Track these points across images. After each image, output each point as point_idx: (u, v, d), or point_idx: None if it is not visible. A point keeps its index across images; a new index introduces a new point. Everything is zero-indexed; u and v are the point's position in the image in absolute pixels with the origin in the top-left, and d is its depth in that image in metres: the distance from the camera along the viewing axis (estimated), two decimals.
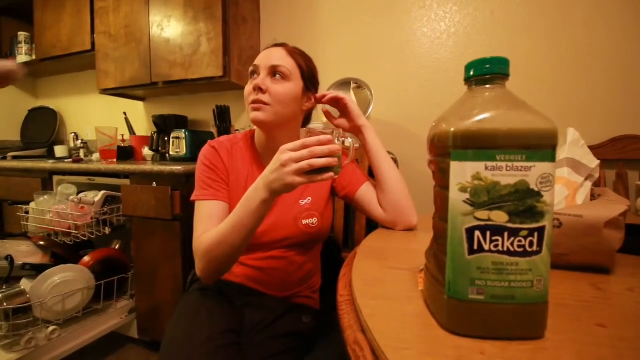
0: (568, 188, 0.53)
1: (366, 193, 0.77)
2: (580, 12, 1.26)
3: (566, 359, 0.27)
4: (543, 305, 0.30)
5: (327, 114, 0.78)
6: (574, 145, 0.57)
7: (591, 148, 1.20)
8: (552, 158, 0.28)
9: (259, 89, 0.70)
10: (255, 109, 0.70)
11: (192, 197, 0.73)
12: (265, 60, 0.72)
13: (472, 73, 0.33)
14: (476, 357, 0.28)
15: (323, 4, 1.66)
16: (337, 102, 0.77)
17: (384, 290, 0.42)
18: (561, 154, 0.57)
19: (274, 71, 0.71)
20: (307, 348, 0.70)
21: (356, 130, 0.78)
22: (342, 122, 0.79)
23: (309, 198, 0.78)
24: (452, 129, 0.30)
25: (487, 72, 0.32)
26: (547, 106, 1.31)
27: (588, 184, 0.55)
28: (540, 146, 0.28)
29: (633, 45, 1.20)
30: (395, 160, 0.78)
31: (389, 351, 0.29)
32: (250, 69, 0.74)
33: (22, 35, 2.17)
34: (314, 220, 0.76)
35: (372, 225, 0.81)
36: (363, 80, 1.40)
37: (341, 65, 1.64)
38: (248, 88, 0.72)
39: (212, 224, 0.67)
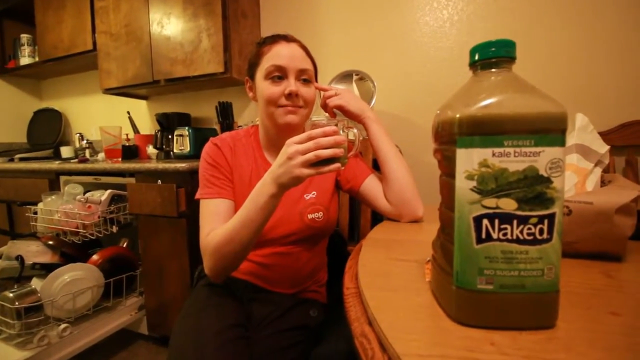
0: (577, 175, 0.52)
1: (371, 186, 0.76)
2: None
3: (578, 347, 0.27)
4: (554, 294, 0.29)
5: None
6: (582, 131, 0.56)
7: (600, 134, 1.18)
8: (561, 142, 0.27)
9: (295, 95, 0.69)
10: (291, 112, 0.70)
11: (197, 196, 0.73)
12: (291, 62, 0.70)
13: (477, 57, 0.32)
14: (486, 347, 0.27)
15: None
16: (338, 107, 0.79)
17: (390, 282, 0.42)
18: (570, 140, 0.56)
19: (301, 75, 0.71)
20: (315, 341, 0.70)
21: (361, 124, 0.78)
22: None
23: (314, 192, 0.78)
24: (458, 115, 0.29)
25: (492, 56, 0.31)
26: (554, 92, 1.26)
27: (598, 170, 0.53)
28: (549, 130, 0.27)
29: None
30: (399, 152, 0.78)
31: (397, 343, 0.28)
32: (270, 67, 0.69)
33: (24, 37, 2.18)
34: (320, 214, 0.76)
35: (378, 218, 0.80)
36: (365, 71, 1.38)
37: (343, 57, 1.62)
38: (274, 90, 0.69)
39: (218, 221, 0.67)
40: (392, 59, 1.53)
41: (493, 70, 0.31)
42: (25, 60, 2.19)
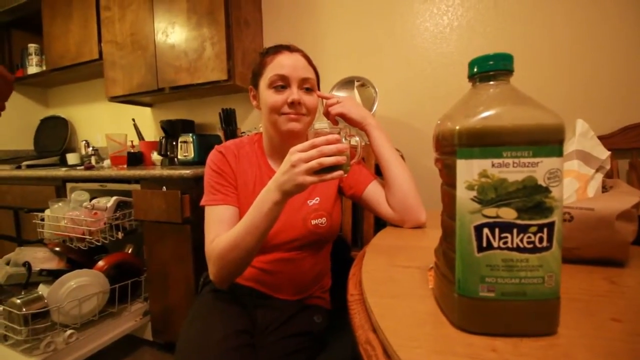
0: (579, 181, 0.52)
1: (373, 192, 0.77)
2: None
3: (579, 354, 0.27)
4: (555, 301, 0.30)
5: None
6: (583, 137, 0.56)
7: (603, 137, 1.19)
8: (559, 153, 0.28)
9: (298, 104, 0.71)
10: (293, 120, 0.72)
11: (202, 203, 0.74)
12: (293, 71, 0.71)
13: (475, 70, 0.32)
14: (488, 354, 0.28)
15: (324, 3, 1.66)
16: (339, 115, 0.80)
17: (394, 288, 0.42)
18: (570, 146, 0.56)
19: (304, 83, 0.73)
20: (320, 347, 0.70)
21: (363, 131, 0.79)
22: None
23: (317, 198, 0.78)
24: (457, 127, 0.30)
25: (490, 69, 0.31)
26: (557, 96, 1.29)
27: (599, 176, 0.54)
28: (547, 141, 0.28)
29: None
30: (401, 157, 0.78)
31: (401, 350, 0.29)
32: (273, 77, 0.71)
33: (32, 47, 2.22)
34: (323, 220, 0.77)
35: (381, 223, 0.81)
36: (367, 78, 1.39)
37: (344, 64, 1.64)
38: (277, 98, 0.71)
39: (223, 228, 0.68)
40: (393, 65, 1.55)
41: (491, 82, 0.32)
42: (32, 69, 2.23)
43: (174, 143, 1.73)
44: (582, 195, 0.51)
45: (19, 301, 1.10)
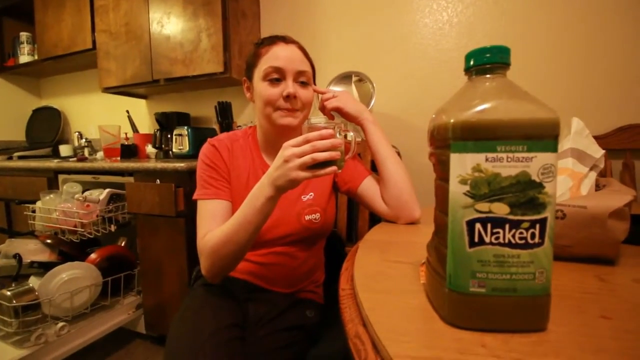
0: (572, 179, 0.52)
1: (368, 187, 0.77)
2: None
3: (568, 351, 0.27)
4: (545, 297, 0.29)
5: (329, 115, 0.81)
6: (578, 135, 0.56)
7: (597, 137, 1.19)
8: (553, 148, 0.28)
9: (293, 98, 0.70)
10: (288, 115, 0.71)
11: (194, 197, 0.73)
12: (289, 64, 0.70)
13: (472, 63, 0.32)
14: (477, 349, 0.27)
15: None
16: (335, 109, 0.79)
17: (385, 283, 0.42)
18: (565, 144, 0.56)
19: (299, 77, 0.71)
20: (311, 342, 0.70)
21: (359, 126, 0.78)
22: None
23: (311, 194, 0.78)
24: (452, 120, 0.29)
25: (487, 62, 0.31)
26: (552, 95, 1.29)
27: (593, 175, 0.54)
28: (542, 136, 0.28)
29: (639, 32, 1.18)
30: (398, 153, 0.77)
31: (390, 344, 0.29)
32: (268, 69, 0.69)
33: (23, 35, 2.18)
34: (317, 215, 0.76)
35: (376, 219, 0.81)
36: (365, 73, 1.38)
37: (342, 59, 1.62)
38: (272, 92, 0.69)
39: (215, 223, 0.67)
40: (391, 61, 1.54)
41: (488, 75, 0.31)
42: (24, 58, 2.18)
43: (169, 136, 1.71)
44: (576, 193, 0.51)
45: (9, 293, 1.08)
